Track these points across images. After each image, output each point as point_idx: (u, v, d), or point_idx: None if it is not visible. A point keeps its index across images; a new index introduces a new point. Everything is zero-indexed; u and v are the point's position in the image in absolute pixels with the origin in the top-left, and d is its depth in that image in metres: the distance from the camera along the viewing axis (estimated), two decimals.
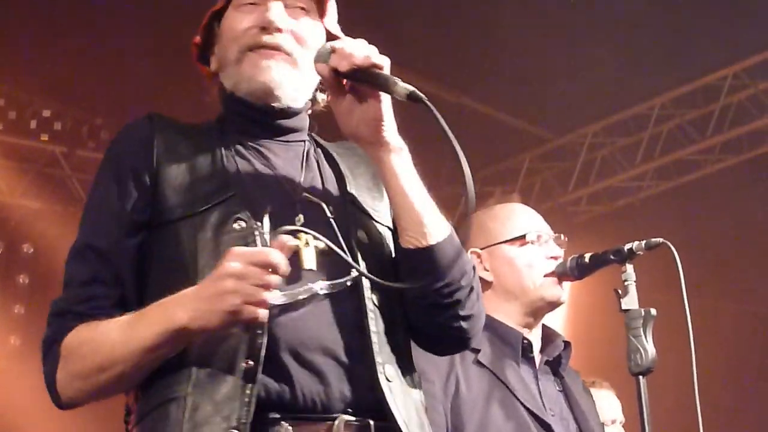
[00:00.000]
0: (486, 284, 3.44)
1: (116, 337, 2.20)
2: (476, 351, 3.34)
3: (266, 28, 2.39)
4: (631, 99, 9.22)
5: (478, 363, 3.35)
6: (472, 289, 2.36)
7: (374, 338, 2.25)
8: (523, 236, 3.49)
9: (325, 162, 2.58)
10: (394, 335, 2.33)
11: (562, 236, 3.60)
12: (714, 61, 8.73)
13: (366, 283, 2.28)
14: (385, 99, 2.24)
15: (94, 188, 2.51)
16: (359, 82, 2.25)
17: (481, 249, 3.54)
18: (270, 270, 2.01)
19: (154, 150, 2.37)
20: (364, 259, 2.31)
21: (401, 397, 2.25)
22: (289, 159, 2.52)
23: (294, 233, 2.19)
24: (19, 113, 9.04)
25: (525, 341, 3.43)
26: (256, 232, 2.22)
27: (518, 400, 3.29)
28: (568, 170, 9.69)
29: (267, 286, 2.01)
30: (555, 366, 3.52)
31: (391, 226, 2.45)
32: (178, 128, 2.55)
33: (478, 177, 9.82)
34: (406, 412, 2.22)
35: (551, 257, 3.45)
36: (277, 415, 2.10)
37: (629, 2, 8.01)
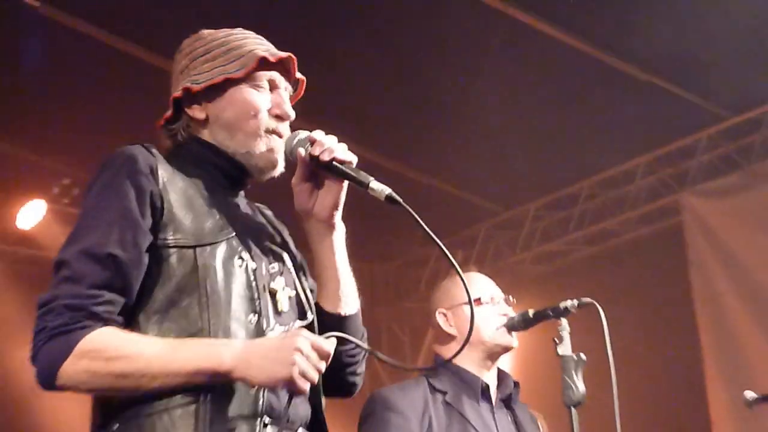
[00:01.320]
0: (450, 337, 3.74)
1: (154, 354, 2.24)
2: (444, 393, 3.64)
3: (284, 119, 2.56)
4: (566, 179, 9.32)
5: (446, 403, 3.61)
6: (364, 355, 2.66)
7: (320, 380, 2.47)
8: (479, 299, 3.67)
9: (267, 222, 2.75)
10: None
11: (511, 297, 3.81)
12: (629, 150, 8.94)
13: (315, 324, 2.54)
14: (344, 189, 2.47)
15: (108, 195, 2.41)
16: (332, 172, 2.45)
17: (447, 309, 3.76)
18: (324, 358, 2.24)
19: (159, 177, 2.39)
20: (311, 307, 2.61)
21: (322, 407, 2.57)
22: (249, 210, 2.68)
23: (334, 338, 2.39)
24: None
25: (483, 384, 3.67)
26: (251, 271, 2.41)
27: (474, 428, 3.58)
28: (515, 237, 9.78)
29: (319, 370, 2.22)
30: (508, 401, 3.77)
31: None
32: (163, 159, 2.57)
33: (443, 244, 10.40)
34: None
35: (502, 314, 3.66)
36: (267, 420, 2.31)
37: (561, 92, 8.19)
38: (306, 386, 2.19)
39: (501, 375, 3.75)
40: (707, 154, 8.81)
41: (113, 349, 2.21)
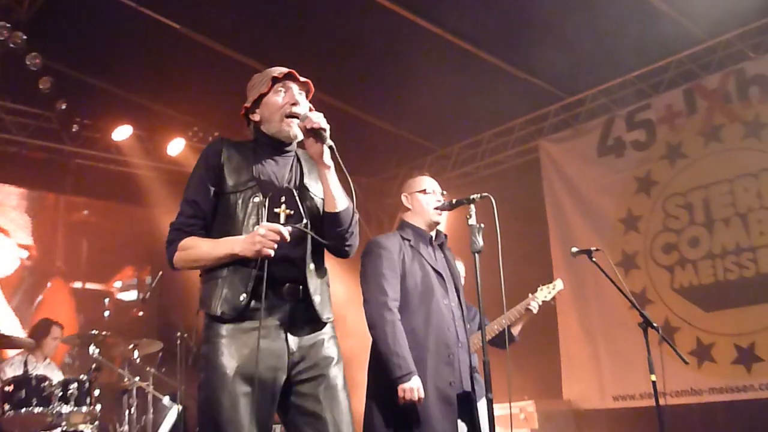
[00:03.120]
0: (408, 209, 3.91)
1: (206, 248, 2.68)
2: (409, 240, 3.77)
3: (295, 104, 2.81)
4: (476, 129, 9.71)
5: (411, 246, 3.76)
6: (353, 233, 2.83)
7: (308, 252, 2.74)
8: (424, 190, 3.85)
9: (299, 165, 2.91)
10: (315, 253, 2.78)
11: (444, 192, 3.93)
12: (511, 114, 9.42)
13: (308, 225, 2.77)
14: (325, 146, 2.72)
15: (195, 171, 2.84)
16: (314, 135, 2.72)
17: (408, 194, 3.91)
18: (279, 236, 2.58)
19: (222, 156, 2.77)
20: (308, 217, 2.76)
21: (315, 278, 2.76)
22: (284, 164, 2.86)
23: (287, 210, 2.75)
24: None
25: (429, 236, 3.84)
26: (261, 205, 2.70)
27: (426, 261, 3.74)
28: (446, 164, 10.25)
29: (274, 243, 2.57)
30: (441, 246, 3.91)
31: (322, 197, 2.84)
32: (234, 144, 2.86)
33: (404, 169, 10.29)
34: (314, 284, 2.74)
35: (438, 200, 3.82)
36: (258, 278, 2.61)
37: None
38: (267, 252, 2.56)
39: (437, 232, 3.88)
40: (554, 118, 9.32)
41: (188, 247, 2.71)
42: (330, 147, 2.69)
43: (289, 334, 2.63)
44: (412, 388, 3.30)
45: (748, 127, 7.78)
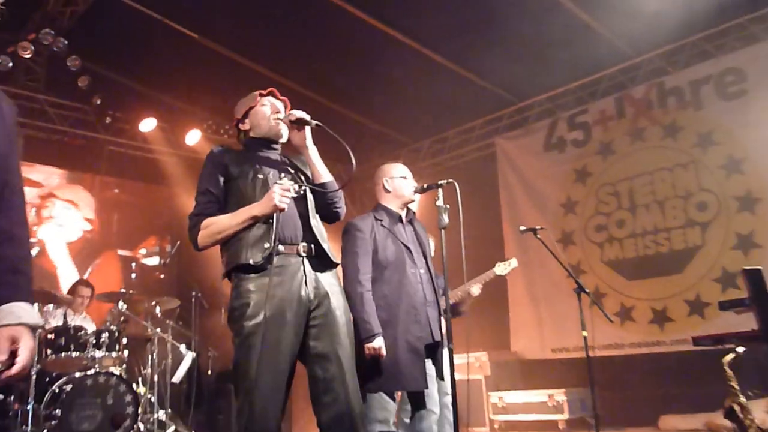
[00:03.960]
0: (388, 191, 3.76)
1: (227, 220, 2.64)
2: (381, 220, 3.65)
3: (279, 111, 2.85)
4: (443, 126, 9.63)
5: (382, 225, 3.64)
6: (340, 197, 2.84)
7: (311, 213, 2.72)
8: (404, 176, 3.76)
9: (287, 158, 2.91)
10: (315, 218, 2.77)
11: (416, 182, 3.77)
12: (474, 114, 9.34)
13: (309, 195, 2.75)
14: (308, 130, 2.75)
15: (203, 171, 2.81)
16: (296, 124, 2.74)
17: (389, 178, 3.78)
18: (288, 191, 2.59)
19: (225, 158, 2.77)
20: (304, 187, 2.77)
21: (321, 236, 2.75)
22: (275, 156, 2.86)
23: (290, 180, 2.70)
24: None
25: (399, 216, 3.70)
26: (266, 182, 2.70)
27: (397, 237, 3.62)
28: (419, 156, 10.09)
29: (286, 198, 2.58)
30: (411, 222, 3.78)
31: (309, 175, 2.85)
32: (232, 150, 2.85)
33: (381, 160, 9.62)
34: (322, 240, 2.74)
35: (413, 185, 3.73)
36: (279, 243, 2.60)
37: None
38: (283, 206, 2.56)
39: (407, 211, 3.78)
40: (508, 120, 9.29)
41: (210, 224, 2.67)
42: (318, 125, 2.70)
43: (308, 285, 2.59)
44: (375, 346, 3.27)
45: (666, 129, 7.88)
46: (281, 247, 2.58)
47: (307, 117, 2.71)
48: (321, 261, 2.68)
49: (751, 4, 6.93)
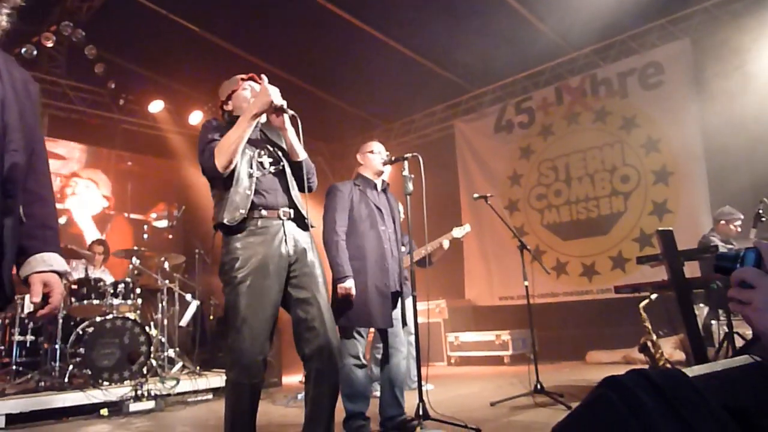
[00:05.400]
0: (361, 164, 3.68)
1: (232, 131, 2.46)
2: (359, 185, 3.57)
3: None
4: (410, 110, 9.50)
5: (360, 190, 3.55)
6: (313, 174, 2.72)
7: (290, 184, 2.62)
8: (372, 150, 3.64)
9: (263, 132, 2.74)
10: (294, 186, 2.65)
11: (388, 153, 3.69)
12: (436, 99, 9.20)
13: (288, 170, 2.65)
14: (285, 116, 2.60)
15: (204, 128, 2.61)
16: (276, 110, 2.57)
17: (362, 154, 3.67)
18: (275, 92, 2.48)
19: (220, 129, 2.56)
20: (283, 159, 2.67)
21: (298, 200, 2.60)
22: (256, 136, 2.67)
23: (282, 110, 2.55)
24: None
25: (374, 183, 3.61)
26: (249, 158, 2.56)
27: (371, 200, 3.53)
28: (390, 135, 9.91)
29: (275, 96, 2.49)
30: (385, 191, 3.68)
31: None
32: (222, 126, 2.63)
33: (359, 139, 9.57)
34: (299, 203, 2.62)
35: (382, 159, 3.62)
36: (262, 209, 2.53)
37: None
38: (279, 102, 2.50)
39: (383, 181, 3.69)
40: (465, 105, 9.19)
41: (219, 144, 2.48)
42: (293, 115, 2.57)
43: (287, 243, 2.51)
44: (346, 286, 3.23)
45: (597, 114, 7.88)
46: (264, 212, 2.50)
47: (284, 104, 2.56)
48: (299, 224, 2.62)
49: (669, 8, 6.98)
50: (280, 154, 2.67)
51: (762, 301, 0.76)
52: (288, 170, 2.62)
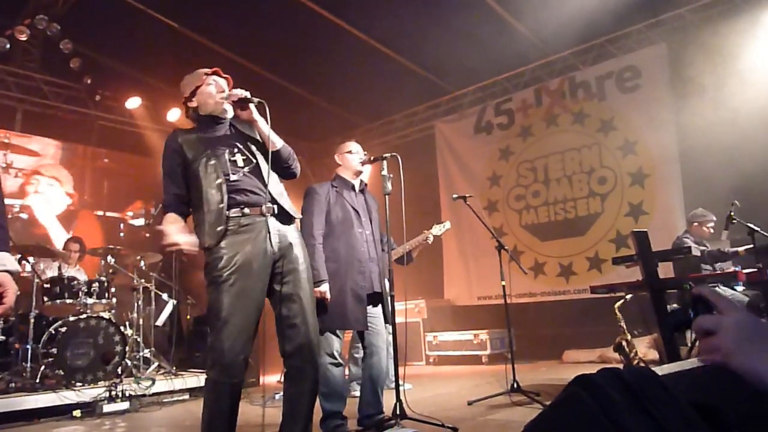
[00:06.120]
0: (340, 165, 3.67)
1: (172, 227, 2.42)
2: (336, 187, 3.55)
3: (222, 91, 2.64)
4: (391, 110, 9.48)
5: (337, 192, 3.55)
6: (294, 158, 2.70)
7: (266, 178, 2.56)
8: (350, 151, 3.63)
9: (235, 128, 2.69)
10: (272, 180, 2.60)
11: (366, 153, 3.69)
12: (417, 100, 9.14)
13: (262, 163, 2.60)
14: (252, 107, 2.56)
15: (164, 160, 2.58)
16: (241, 102, 2.56)
17: (339, 154, 3.65)
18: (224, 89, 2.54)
19: (179, 141, 2.55)
20: (259, 154, 2.63)
21: (278, 193, 2.62)
22: (224, 131, 2.65)
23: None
24: None
25: (351, 184, 3.59)
26: (214, 164, 2.50)
27: (347, 201, 3.51)
28: (373, 135, 9.97)
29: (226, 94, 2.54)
30: (363, 192, 3.66)
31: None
32: (185, 131, 2.63)
33: (339, 138, 9.64)
34: (281, 199, 2.61)
35: (360, 158, 3.61)
36: (244, 207, 2.50)
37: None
38: (241, 93, 2.52)
39: (360, 182, 3.67)
40: (446, 106, 9.22)
41: (169, 219, 2.48)
42: (260, 102, 2.53)
43: (272, 240, 2.50)
44: (321, 290, 3.23)
45: (575, 116, 7.95)
46: (246, 210, 2.48)
47: (248, 95, 2.53)
48: (282, 218, 2.59)
49: (647, 13, 7.05)
50: (253, 148, 2.62)
51: (728, 342, 0.75)
52: (262, 165, 2.57)
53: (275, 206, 2.55)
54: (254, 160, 2.57)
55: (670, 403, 0.74)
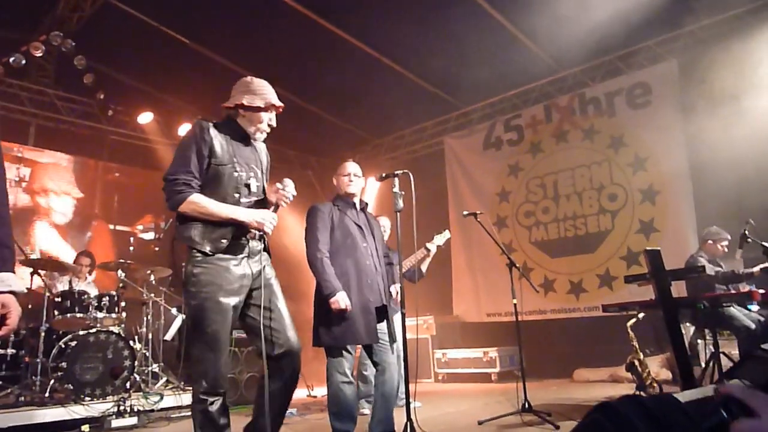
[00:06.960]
0: (336, 186, 3.67)
1: (215, 208, 2.48)
2: (338, 206, 3.56)
3: (272, 126, 2.70)
4: (401, 126, 9.46)
5: (339, 210, 3.55)
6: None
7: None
8: (342, 173, 3.63)
9: (257, 150, 2.71)
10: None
11: (356, 175, 3.62)
12: (426, 116, 9.16)
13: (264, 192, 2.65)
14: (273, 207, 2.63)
15: (191, 139, 2.53)
16: (276, 203, 2.63)
17: (336, 176, 3.65)
18: (275, 223, 2.59)
19: (211, 135, 2.51)
20: (264, 191, 2.69)
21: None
22: (251, 151, 2.68)
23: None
24: None
25: (353, 202, 3.61)
26: (237, 176, 2.55)
27: (350, 219, 3.52)
28: (381, 151, 9.97)
29: (272, 226, 2.57)
30: (364, 210, 3.68)
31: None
32: (216, 125, 2.57)
33: (349, 153, 9.80)
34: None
35: (350, 181, 3.59)
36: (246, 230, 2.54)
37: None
38: (269, 230, 2.58)
39: (361, 200, 3.67)
40: (455, 122, 9.22)
41: (198, 202, 2.48)
42: (277, 207, 2.65)
43: (251, 262, 2.58)
44: (337, 300, 3.24)
45: (585, 133, 7.94)
46: (240, 235, 2.59)
47: (286, 203, 2.67)
48: (260, 244, 2.67)
49: (656, 30, 7.06)
50: (262, 177, 2.71)
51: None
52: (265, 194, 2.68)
53: (265, 237, 2.65)
54: (262, 195, 2.66)
55: None
